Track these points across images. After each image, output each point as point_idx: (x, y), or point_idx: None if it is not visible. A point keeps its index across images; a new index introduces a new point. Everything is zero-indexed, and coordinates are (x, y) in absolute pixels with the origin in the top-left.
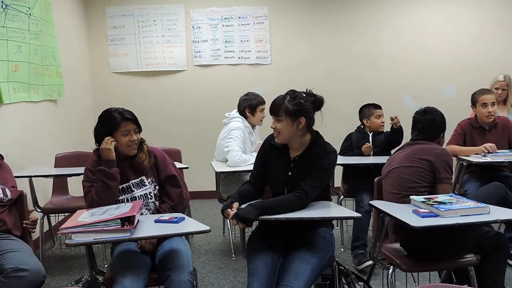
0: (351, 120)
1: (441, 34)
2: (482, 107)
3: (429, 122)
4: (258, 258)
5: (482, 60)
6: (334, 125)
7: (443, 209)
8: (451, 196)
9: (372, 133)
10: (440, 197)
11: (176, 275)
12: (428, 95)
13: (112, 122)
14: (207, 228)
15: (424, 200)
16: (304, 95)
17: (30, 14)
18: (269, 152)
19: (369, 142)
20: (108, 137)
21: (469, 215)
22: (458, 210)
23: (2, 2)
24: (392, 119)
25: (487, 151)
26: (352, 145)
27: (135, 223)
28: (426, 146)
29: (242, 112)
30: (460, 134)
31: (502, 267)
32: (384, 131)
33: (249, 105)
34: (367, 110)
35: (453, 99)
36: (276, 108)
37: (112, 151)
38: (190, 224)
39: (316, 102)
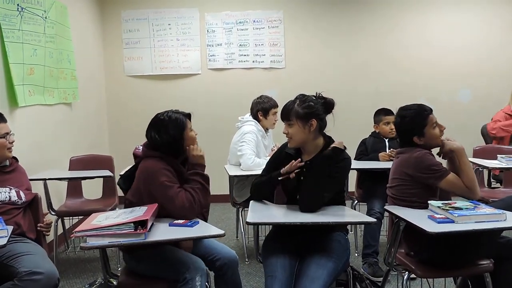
0: (366, 122)
1: (457, 38)
2: None
3: (398, 127)
4: (275, 261)
5: (498, 64)
6: (348, 128)
7: (457, 215)
8: (470, 202)
9: (387, 138)
10: (459, 203)
11: (224, 255)
12: (443, 99)
13: (180, 122)
14: (222, 232)
15: (440, 205)
16: (314, 98)
17: (45, 18)
18: (283, 158)
19: (385, 147)
20: (193, 145)
21: (484, 221)
22: (473, 216)
23: (18, 5)
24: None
25: None
26: (367, 150)
27: (148, 227)
28: (403, 157)
29: (255, 115)
30: None
31: None
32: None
33: (262, 108)
34: (377, 116)
35: (469, 102)
36: (287, 113)
37: (204, 157)
38: (204, 228)
39: (327, 105)
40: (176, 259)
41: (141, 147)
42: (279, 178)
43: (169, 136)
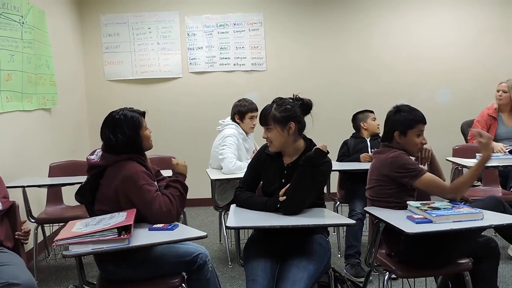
0: (348, 123)
1: (440, 37)
2: None
3: (389, 117)
4: (257, 265)
5: (479, 63)
6: (330, 129)
7: (435, 215)
8: (449, 202)
9: (369, 138)
10: (437, 203)
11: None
12: (424, 97)
13: (136, 121)
14: (204, 234)
15: (419, 205)
16: (291, 100)
17: (23, 23)
18: (263, 160)
19: (367, 147)
20: (174, 158)
21: (462, 221)
22: (451, 216)
23: None
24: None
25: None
26: (348, 151)
27: (132, 231)
28: (379, 158)
29: (232, 118)
30: None
31: (496, 272)
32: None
33: (238, 112)
34: (362, 115)
35: (449, 101)
36: (265, 118)
37: (187, 168)
38: (186, 231)
39: (304, 106)
40: (180, 252)
41: (95, 156)
42: (278, 206)
43: (125, 136)
